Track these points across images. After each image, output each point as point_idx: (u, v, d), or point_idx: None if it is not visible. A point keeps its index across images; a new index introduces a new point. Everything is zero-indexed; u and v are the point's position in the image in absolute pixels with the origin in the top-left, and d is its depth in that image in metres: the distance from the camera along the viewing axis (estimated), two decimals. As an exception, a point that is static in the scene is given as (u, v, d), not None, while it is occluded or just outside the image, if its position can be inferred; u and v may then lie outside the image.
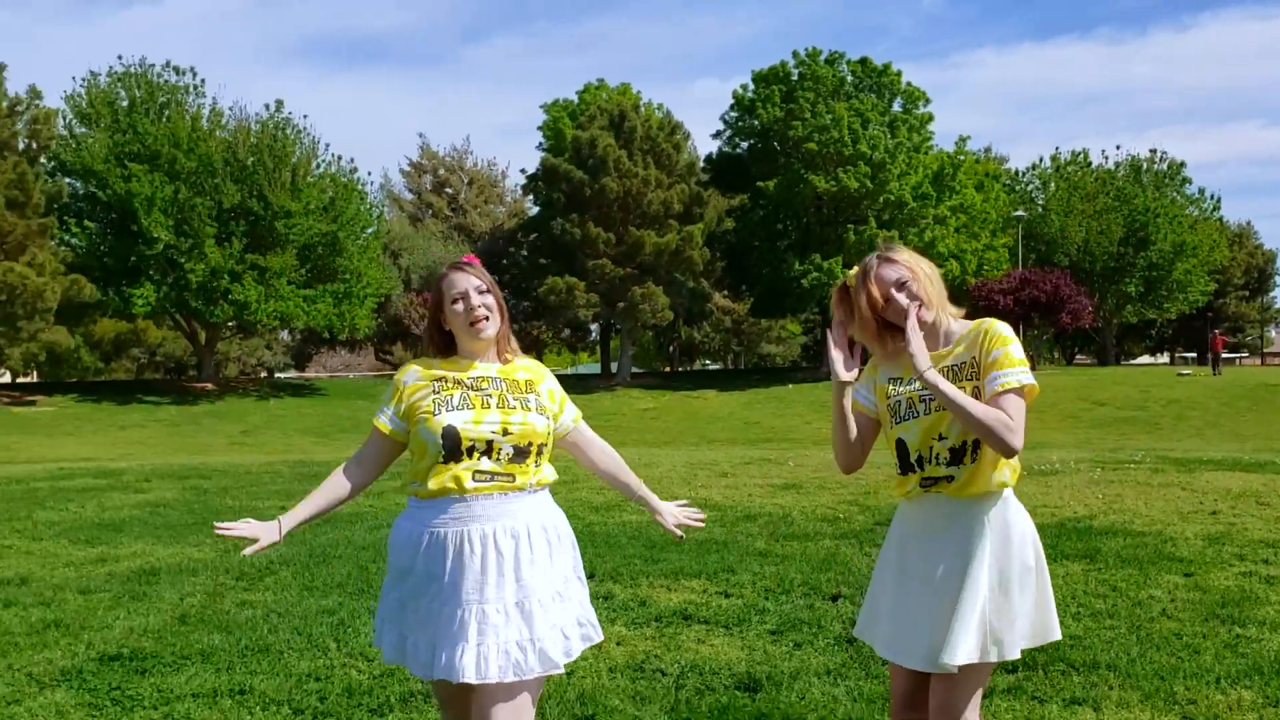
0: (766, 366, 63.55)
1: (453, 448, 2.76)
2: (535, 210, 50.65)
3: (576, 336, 56.77)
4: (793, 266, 42.88)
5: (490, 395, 2.84)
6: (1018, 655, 2.78)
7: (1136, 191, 53.03)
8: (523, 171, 56.89)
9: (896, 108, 46.79)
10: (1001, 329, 2.84)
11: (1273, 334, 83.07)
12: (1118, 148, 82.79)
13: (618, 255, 41.65)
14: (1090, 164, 56.09)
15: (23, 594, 6.41)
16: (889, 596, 2.94)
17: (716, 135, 48.93)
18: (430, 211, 60.70)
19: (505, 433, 2.78)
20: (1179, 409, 33.46)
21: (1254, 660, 4.64)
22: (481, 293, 2.87)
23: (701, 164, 47.42)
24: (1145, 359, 73.72)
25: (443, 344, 2.94)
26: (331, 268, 39.68)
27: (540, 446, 2.84)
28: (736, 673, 4.63)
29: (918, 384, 2.85)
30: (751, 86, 46.78)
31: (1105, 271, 51.10)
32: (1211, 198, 59.52)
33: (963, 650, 2.70)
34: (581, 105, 49.87)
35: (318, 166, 40.26)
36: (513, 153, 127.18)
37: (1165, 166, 56.50)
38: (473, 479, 2.75)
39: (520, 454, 2.80)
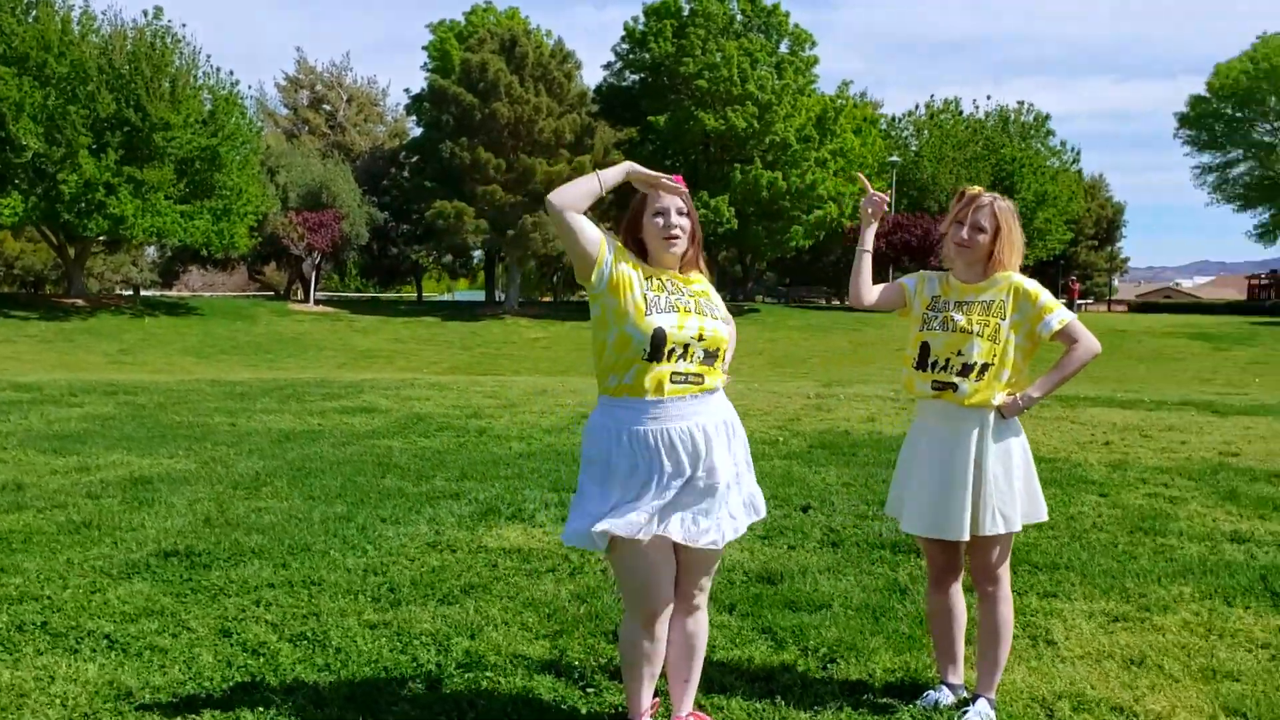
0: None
1: (657, 348, 3.08)
2: (418, 131, 49.95)
3: (459, 263, 56.47)
4: (680, 202, 43.44)
5: (688, 300, 3.16)
6: (1019, 529, 3.59)
7: (1004, 141, 55.28)
8: (406, 91, 55.78)
9: (783, 49, 47.56)
10: (1031, 285, 3.59)
11: (1116, 282, 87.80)
12: (988, 98, 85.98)
13: (508, 182, 41.53)
14: (962, 113, 58.09)
15: (28, 498, 6.58)
16: (917, 483, 3.62)
17: (607, 67, 48.96)
18: (307, 128, 59.08)
19: (700, 338, 3.11)
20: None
21: (1183, 564, 5.47)
22: (681, 214, 3.19)
23: (591, 95, 47.38)
24: (1001, 302, 76.96)
25: (639, 251, 3.23)
26: (210, 183, 38.45)
27: (723, 351, 3.20)
28: (750, 570, 5.24)
29: (952, 309, 3.59)
30: (642, 19, 46.86)
31: (973, 218, 53.19)
32: (1072, 150, 62.60)
33: (988, 523, 3.51)
34: (469, 27, 49.20)
35: (197, 78, 38.82)
36: (394, 72, 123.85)
37: (1031, 118, 58.94)
38: (670, 381, 3.09)
39: (710, 357, 3.15)
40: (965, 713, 3.51)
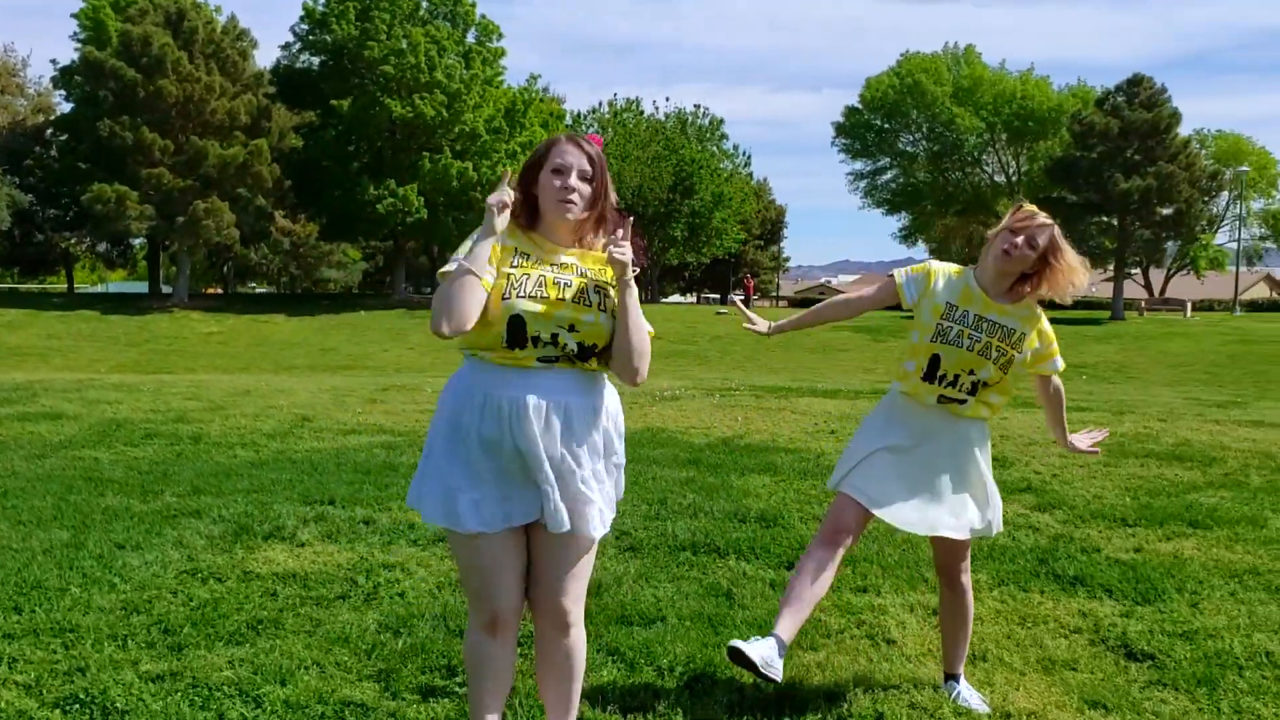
0: (318, 293, 61.73)
1: (515, 336, 2.71)
2: (69, 107, 45.38)
3: (116, 251, 51.76)
4: (367, 190, 42.01)
5: (569, 284, 2.77)
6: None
7: (684, 143, 57.39)
8: (54, 63, 50.04)
9: (470, 39, 47.04)
10: (1048, 325, 3.56)
11: (778, 279, 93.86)
12: (667, 99, 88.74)
13: (176, 165, 38.54)
14: (643, 113, 59.83)
15: None
16: (922, 484, 3.50)
17: (285, 47, 46.49)
18: (-71, 98, 52.16)
19: (571, 328, 2.74)
20: (722, 344, 37.18)
21: (964, 549, 5.67)
22: (584, 178, 2.77)
23: (268, 75, 44.81)
24: (676, 298, 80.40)
25: (529, 211, 2.82)
26: None
27: (601, 348, 2.79)
28: (560, 582, 4.91)
29: (972, 324, 3.47)
30: (323, 0, 44.85)
31: (656, 216, 54.96)
32: (744, 154, 65.92)
33: (996, 523, 3.60)
34: (128, -3, 45.21)
35: None
36: (36, 41, 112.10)
37: (707, 121, 61.62)
38: (536, 360, 2.73)
39: (585, 351, 2.77)
40: (956, 692, 3.62)
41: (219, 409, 11.36)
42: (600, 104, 69.81)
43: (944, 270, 3.58)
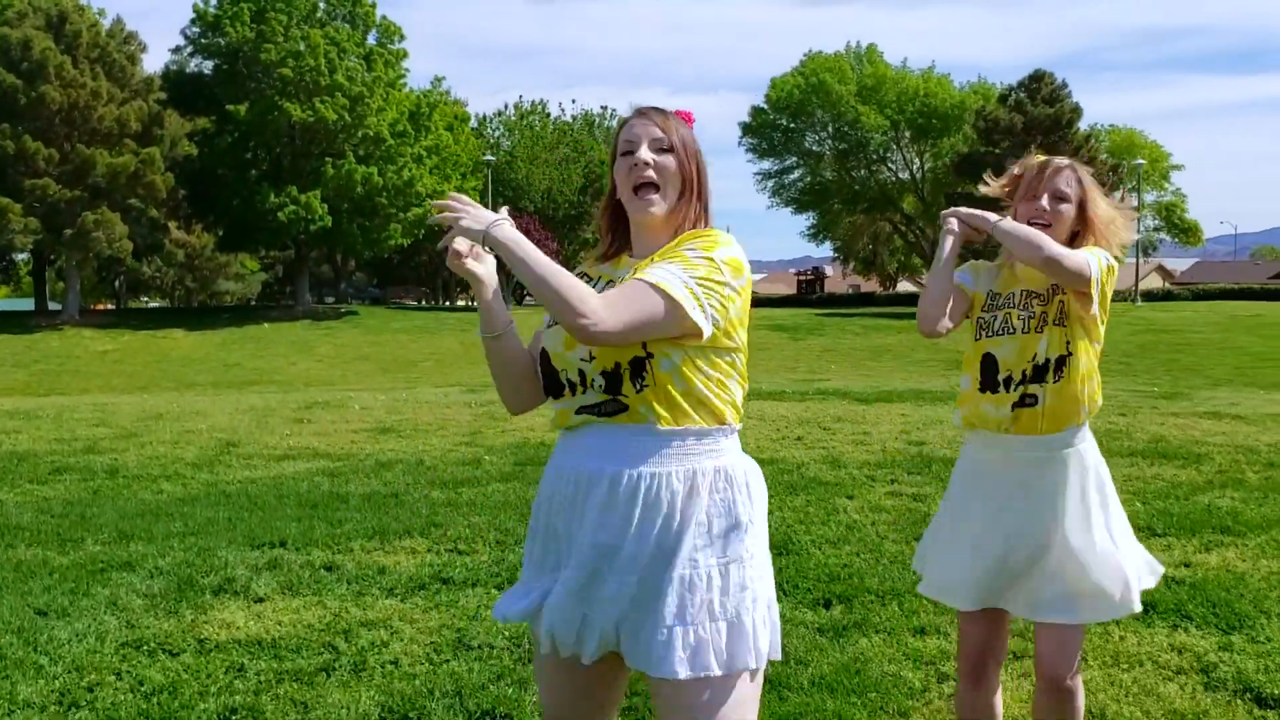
0: (216, 306, 59.61)
1: (550, 380, 2.14)
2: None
3: (-1, 267, 49.20)
4: (268, 198, 40.43)
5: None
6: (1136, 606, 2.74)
7: (592, 144, 56.77)
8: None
9: (371, 40, 45.77)
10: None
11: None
12: (574, 101, 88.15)
13: (63, 175, 36.59)
14: (550, 115, 59.04)
15: None
16: (981, 547, 2.74)
17: (175, 51, 44.62)
18: None
19: (590, 357, 2.06)
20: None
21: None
22: (660, 149, 2.10)
23: (159, 80, 42.94)
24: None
25: (615, 232, 2.23)
26: None
27: (632, 365, 2.03)
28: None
29: (1017, 302, 2.75)
30: (215, 1, 43.12)
31: (567, 219, 54.25)
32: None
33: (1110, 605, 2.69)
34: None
35: None
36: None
37: (615, 123, 61.14)
38: (574, 414, 2.11)
39: (614, 382, 2.05)
40: None
41: (132, 436, 10.39)
42: (506, 106, 68.92)
43: (981, 264, 2.94)
